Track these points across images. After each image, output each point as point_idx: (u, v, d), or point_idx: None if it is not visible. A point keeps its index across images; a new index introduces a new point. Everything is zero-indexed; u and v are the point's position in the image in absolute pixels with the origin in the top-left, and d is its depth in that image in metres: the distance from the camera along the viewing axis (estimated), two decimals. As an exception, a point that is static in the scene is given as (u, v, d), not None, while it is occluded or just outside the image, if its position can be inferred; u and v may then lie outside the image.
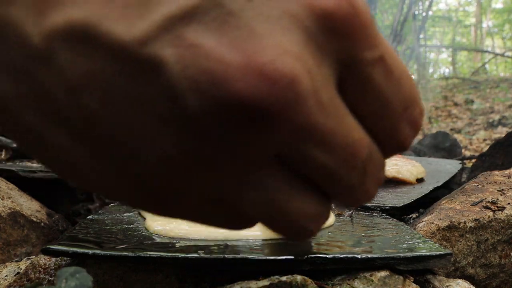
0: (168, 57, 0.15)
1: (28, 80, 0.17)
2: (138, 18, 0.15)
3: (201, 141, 0.16)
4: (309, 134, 0.16)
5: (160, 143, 0.16)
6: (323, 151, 0.17)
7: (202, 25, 0.15)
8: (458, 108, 5.04)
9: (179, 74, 0.15)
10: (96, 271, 0.38)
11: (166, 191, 0.18)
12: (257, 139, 0.16)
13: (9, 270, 0.47)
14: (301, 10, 0.16)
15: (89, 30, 0.15)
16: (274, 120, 0.15)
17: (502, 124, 3.51)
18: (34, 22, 0.16)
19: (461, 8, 15.72)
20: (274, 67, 0.15)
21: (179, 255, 0.35)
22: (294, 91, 0.15)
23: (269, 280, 0.33)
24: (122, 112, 0.16)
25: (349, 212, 0.54)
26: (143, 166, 0.17)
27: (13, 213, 0.55)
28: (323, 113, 0.16)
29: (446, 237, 0.46)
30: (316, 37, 0.16)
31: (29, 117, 0.17)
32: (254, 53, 0.15)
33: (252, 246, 0.39)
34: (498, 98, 5.06)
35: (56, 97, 0.16)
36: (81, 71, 0.16)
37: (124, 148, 0.17)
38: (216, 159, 0.16)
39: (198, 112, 0.15)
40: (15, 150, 0.94)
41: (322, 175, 0.18)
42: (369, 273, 0.36)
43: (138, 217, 0.50)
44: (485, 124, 3.67)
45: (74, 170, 0.18)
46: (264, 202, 0.18)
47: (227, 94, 0.15)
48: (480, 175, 0.61)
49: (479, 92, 6.16)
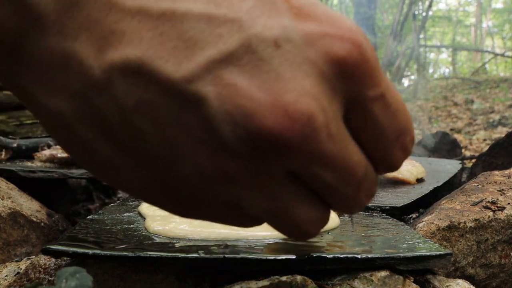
0: (208, 94, 0.19)
1: (85, 102, 0.20)
2: (184, 59, 0.19)
3: (231, 162, 0.20)
4: (319, 158, 0.20)
5: (196, 161, 0.20)
6: (328, 170, 0.21)
7: (237, 67, 0.19)
8: (458, 108, 5.04)
9: (217, 108, 0.19)
10: (96, 271, 0.38)
11: (195, 198, 0.22)
12: (278, 163, 0.20)
13: (9, 270, 0.47)
14: (319, 57, 0.19)
15: (143, 67, 0.19)
16: (293, 149, 0.19)
17: (502, 124, 3.51)
18: (95, 57, 0.19)
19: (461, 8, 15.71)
20: (296, 107, 0.19)
21: (179, 255, 0.35)
22: (311, 126, 0.19)
23: (269, 280, 0.33)
24: (167, 133, 0.20)
25: (349, 212, 0.54)
26: (179, 177, 0.21)
27: (13, 213, 0.55)
28: (332, 142, 0.20)
29: (446, 237, 0.46)
30: (330, 79, 0.20)
31: (82, 131, 0.21)
32: (280, 94, 0.19)
33: (252, 246, 0.39)
34: (498, 98, 5.06)
35: (109, 118, 0.20)
36: (135, 99, 0.19)
37: (165, 162, 0.21)
38: (241, 176, 0.20)
39: (231, 139, 0.19)
40: (15, 150, 0.94)
41: (325, 189, 0.22)
42: (369, 273, 0.36)
43: (138, 217, 0.50)
44: (485, 124, 3.67)
45: (117, 176, 0.23)
46: (276, 209, 0.22)
47: (257, 127, 0.18)
48: (480, 175, 0.61)
49: (479, 92, 6.16)
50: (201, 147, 0.20)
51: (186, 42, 0.19)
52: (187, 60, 0.19)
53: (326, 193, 0.23)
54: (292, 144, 0.19)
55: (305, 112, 0.19)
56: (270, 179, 0.21)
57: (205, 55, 0.19)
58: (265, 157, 0.19)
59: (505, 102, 4.70)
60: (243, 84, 0.18)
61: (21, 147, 0.95)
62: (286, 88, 0.19)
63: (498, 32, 13.85)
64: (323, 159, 0.20)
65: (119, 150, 0.21)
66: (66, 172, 0.74)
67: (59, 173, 0.73)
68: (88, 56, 0.20)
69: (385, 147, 0.23)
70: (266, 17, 0.19)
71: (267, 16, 0.19)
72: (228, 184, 0.21)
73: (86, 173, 0.75)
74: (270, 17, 0.19)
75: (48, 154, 0.85)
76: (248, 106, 0.18)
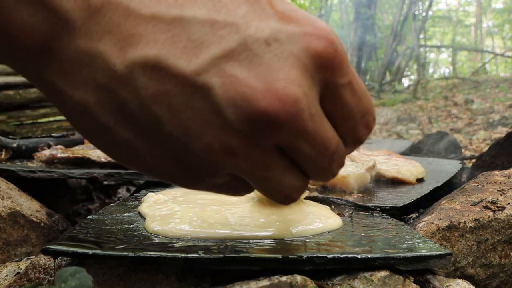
0: (214, 83, 0.23)
1: (109, 93, 0.24)
2: (193, 56, 0.23)
3: (234, 138, 0.24)
4: (302, 134, 0.25)
5: (205, 138, 0.24)
6: (308, 144, 0.26)
7: (237, 62, 0.23)
8: (458, 108, 5.04)
9: (222, 95, 0.23)
10: (96, 271, 0.38)
11: (203, 171, 0.27)
12: (270, 137, 0.25)
13: (9, 270, 0.47)
14: (301, 52, 0.24)
15: (160, 63, 0.23)
16: (283, 125, 0.24)
17: (502, 124, 3.51)
18: (118, 55, 0.24)
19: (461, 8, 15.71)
20: (285, 92, 0.23)
21: (179, 255, 0.35)
22: (297, 107, 0.24)
23: (269, 280, 0.33)
24: (181, 117, 0.24)
25: (349, 212, 0.54)
26: (191, 153, 0.25)
27: (13, 213, 0.55)
28: (312, 121, 0.25)
29: (446, 237, 0.46)
30: (310, 70, 0.24)
31: (105, 119, 0.25)
32: (272, 82, 0.23)
33: (252, 246, 0.39)
34: (498, 98, 5.06)
35: (131, 106, 0.24)
36: (153, 90, 0.24)
37: (179, 141, 0.25)
38: (242, 150, 0.25)
39: (234, 119, 0.24)
40: (15, 150, 0.94)
41: (305, 160, 0.27)
42: (369, 273, 0.36)
43: (138, 217, 0.50)
44: (485, 124, 3.67)
45: (135, 156, 0.27)
46: (267, 177, 0.27)
47: (255, 109, 0.23)
48: (480, 175, 0.61)
49: (479, 92, 6.16)
50: (209, 127, 0.24)
51: (194, 42, 0.23)
52: (196, 57, 0.23)
53: (306, 164, 0.28)
54: (282, 121, 0.24)
55: (292, 96, 0.23)
56: (263, 151, 0.25)
57: (210, 52, 0.23)
58: (260, 133, 0.24)
59: (505, 102, 4.70)
60: (242, 75, 0.23)
61: (21, 147, 0.95)
62: (276, 77, 0.23)
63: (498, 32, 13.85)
64: (305, 134, 0.25)
65: (139, 133, 0.25)
66: (66, 172, 0.74)
67: (59, 173, 0.73)
68: (111, 54, 0.24)
69: (353, 125, 0.28)
70: (257, 21, 0.24)
71: (258, 20, 0.24)
72: (231, 157, 0.25)
73: (86, 173, 0.75)
74: (261, 21, 0.24)
75: (48, 154, 0.85)
76: (247, 92, 0.23)
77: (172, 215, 0.48)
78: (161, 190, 0.65)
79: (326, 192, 0.66)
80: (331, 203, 0.60)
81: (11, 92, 2.64)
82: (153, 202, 0.53)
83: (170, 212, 0.49)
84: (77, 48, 0.24)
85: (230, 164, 0.26)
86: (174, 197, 0.56)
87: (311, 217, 0.49)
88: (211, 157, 0.25)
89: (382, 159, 0.83)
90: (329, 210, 0.54)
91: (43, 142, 0.96)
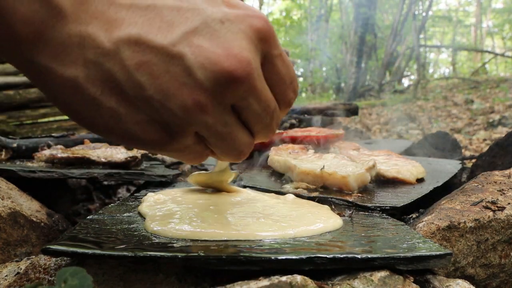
0: (186, 52, 0.30)
1: (97, 67, 0.30)
2: (168, 33, 0.30)
3: (204, 95, 0.31)
4: (253, 90, 0.32)
5: (181, 97, 0.30)
6: (257, 102, 0.33)
7: (201, 36, 0.31)
8: (458, 108, 5.03)
9: (193, 61, 0.30)
10: (96, 271, 0.38)
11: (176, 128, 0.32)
12: (231, 93, 0.31)
13: (9, 270, 0.47)
14: (247, 28, 0.32)
15: (141, 39, 0.30)
16: (241, 81, 0.31)
17: (502, 124, 3.51)
18: (105, 35, 0.30)
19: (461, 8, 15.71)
20: (241, 55, 0.31)
21: (179, 255, 0.35)
22: (251, 67, 0.31)
23: (269, 280, 0.33)
24: (161, 81, 0.30)
25: (349, 212, 0.54)
26: (168, 113, 0.31)
27: (13, 213, 0.55)
28: (260, 81, 0.33)
29: (446, 237, 0.46)
30: (254, 41, 0.32)
31: (92, 90, 0.30)
32: (230, 49, 0.31)
33: (252, 246, 0.39)
34: (498, 98, 5.05)
35: (117, 77, 0.30)
36: (136, 60, 0.30)
37: (158, 103, 0.31)
38: (210, 106, 0.31)
39: (204, 79, 0.30)
40: (15, 150, 0.94)
41: (253, 117, 0.34)
42: (369, 273, 0.36)
43: (138, 217, 0.50)
44: (485, 124, 3.67)
45: (118, 123, 0.32)
46: (226, 133, 0.34)
47: (220, 69, 0.30)
48: (480, 175, 0.61)
49: (479, 92, 6.16)
50: (184, 87, 0.30)
51: (166, 23, 0.31)
52: (170, 33, 0.30)
53: (254, 121, 0.35)
54: (241, 77, 0.31)
55: (246, 58, 0.31)
56: (223, 108, 0.32)
57: (180, 29, 0.30)
58: (224, 88, 0.31)
59: (505, 102, 4.70)
60: (207, 45, 0.30)
61: (21, 147, 0.95)
62: (233, 46, 0.31)
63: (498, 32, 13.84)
64: (255, 91, 0.32)
65: (122, 100, 0.31)
66: (66, 172, 0.74)
67: (59, 173, 0.73)
68: (99, 35, 0.30)
69: (284, 89, 0.36)
70: (212, 7, 0.32)
71: (212, 6, 0.32)
72: (200, 113, 0.31)
73: (86, 173, 0.75)
74: (214, 7, 0.32)
75: (48, 154, 0.85)
76: (212, 57, 0.30)
77: (172, 215, 0.48)
78: (161, 190, 0.65)
79: (326, 192, 0.66)
80: (331, 203, 0.60)
81: (11, 92, 2.64)
82: (153, 202, 0.53)
83: (170, 212, 0.49)
84: (68, 32, 0.30)
85: (200, 120, 0.32)
86: (174, 197, 0.56)
87: (311, 217, 0.49)
88: (185, 114, 0.31)
89: (382, 159, 0.83)
90: (329, 210, 0.54)
91: (43, 142, 0.96)
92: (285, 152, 0.87)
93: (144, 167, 0.88)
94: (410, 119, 4.55)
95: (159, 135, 0.33)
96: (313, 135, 1.05)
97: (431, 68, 14.80)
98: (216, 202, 0.54)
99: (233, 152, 0.36)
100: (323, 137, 1.04)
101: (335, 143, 0.99)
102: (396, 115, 5.06)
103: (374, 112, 6.01)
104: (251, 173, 0.85)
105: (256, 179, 0.78)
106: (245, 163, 0.95)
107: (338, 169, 0.69)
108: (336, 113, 1.71)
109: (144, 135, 0.33)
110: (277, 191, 0.67)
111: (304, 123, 1.57)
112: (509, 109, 4.23)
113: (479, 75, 9.26)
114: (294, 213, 0.50)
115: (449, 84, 8.09)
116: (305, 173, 0.70)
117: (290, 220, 0.47)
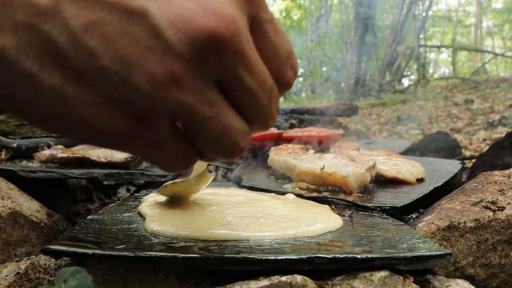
0: (150, 7, 0.23)
1: (31, 32, 0.22)
2: None
3: (178, 63, 0.23)
4: (243, 56, 0.24)
5: (147, 67, 0.23)
6: (249, 74, 0.25)
7: None
8: (458, 108, 5.03)
9: (160, 17, 0.23)
10: (96, 271, 0.38)
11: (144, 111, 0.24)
12: (214, 60, 0.24)
13: (9, 270, 0.47)
14: None
15: None
16: (224, 44, 0.23)
17: (502, 124, 3.51)
18: None
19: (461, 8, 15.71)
20: (223, 10, 0.23)
21: (179, 255, 0.35)
22: (235, 26, 0.24)
23: (269, 280, 0.33)
24: (118, 46, 0.22)
25: (349, 212, 0.54)
26: (132, 88, 0.23)
27: (13, 213, 0.55)
28: (249, 45, 0.25)
29: (446, 237, 0.46)
30: (240, 1, 0.25)
31: (27, 64, 0.23)
32: (207, 3, 0.23)
33: (252, 246, 0.39)
34: (498, 98, 5.05)
35: (59, 43, 0.22)
36: (83, 20, 0.22)
37: (117, 75, 0.23)
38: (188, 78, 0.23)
39: (175, 42, 0.23)
40: (15, 150, 0.94)
41: (246, 96, 0.26)
42: (369, 273, 0.36)
43: (138, 217, 0.50)
44: (485, 124, 3.67)
45: (64, 107, 0.24)
46: (212, 116, 0.25)
47: (195, 28, 0.23)
48: (480, 175, 0.61)
49: (479, 92, 6.15)
50: (150, 53, 0.23)
51: None
52: None
53: (248, 102, 0.27)
54: (224, 38, 0.23)
55: (229, 14, 0.24)
56: (207, 83, 0.24)
57: None
58: (204, 54, 0.23)
59: (505, 102, 4.70)
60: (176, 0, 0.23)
61: (21, 147, 0.95)
62: (209, 0, 0.24)
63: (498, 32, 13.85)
64: (244, 58, 0.25)
65: (68, 76, 0.23)
66: (66, 172, 0.74)
67: (59, 173, 0.73)
68: None
69: (280, 65, 0.28)
70: None
71: None
72: (176, 89, 0.23)
73: (86, 173, 0.75)
74: None
75: (48, 154, 0.85)
76: (185, 14, 0.23)
77: (172, 215, 0.48)
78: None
79: (326, 192, 0.66)
80: (331, 203, 0.60)
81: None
82: (153, 202, 0.53)
83: (170, 212, 0.49)
84: None
85: (175, 98, 0.24)
86: (174, 197, 0.56)
87: (311, 217, 0.49)
88: (155, 89, 0.23)
89: (382, 159, 0.83)
90: (329, 210, 0.54)
91: (43, 142, 0.96)
92: (285, 152, 0.87)
93: (144, 167, 0.89)
94: (410, 119, 4.55)
95: (122, 122, 0.24)
96: (313, 135, 1.05)
97: (431, 68, 14.80)
98: (216, 202, 0.54)
99: (225, 145, 0.27)
100: (323, 137, 1.04)
101: (335, 143, 0.99)
102: (396, 115, 5.06)
103: (374, 112, 6.01)
104: (251, 173, 0.85)
105: (256, 179, 0.78)
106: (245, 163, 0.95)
107: (338, 169, 0.69)
108: (336, 113, 1.71)
109: (101, 123, 0.24)
110: (277, 191, 0.67)
111: (304, 123, 1.58)
112: (509, 109, 4.23)
113: (479, 75, 9.26)
114: (294, 213, 0.50)
115: (449, 84, 8.09)
116: (305, 173, 0.70)
117: (290, 220, 0.47)
